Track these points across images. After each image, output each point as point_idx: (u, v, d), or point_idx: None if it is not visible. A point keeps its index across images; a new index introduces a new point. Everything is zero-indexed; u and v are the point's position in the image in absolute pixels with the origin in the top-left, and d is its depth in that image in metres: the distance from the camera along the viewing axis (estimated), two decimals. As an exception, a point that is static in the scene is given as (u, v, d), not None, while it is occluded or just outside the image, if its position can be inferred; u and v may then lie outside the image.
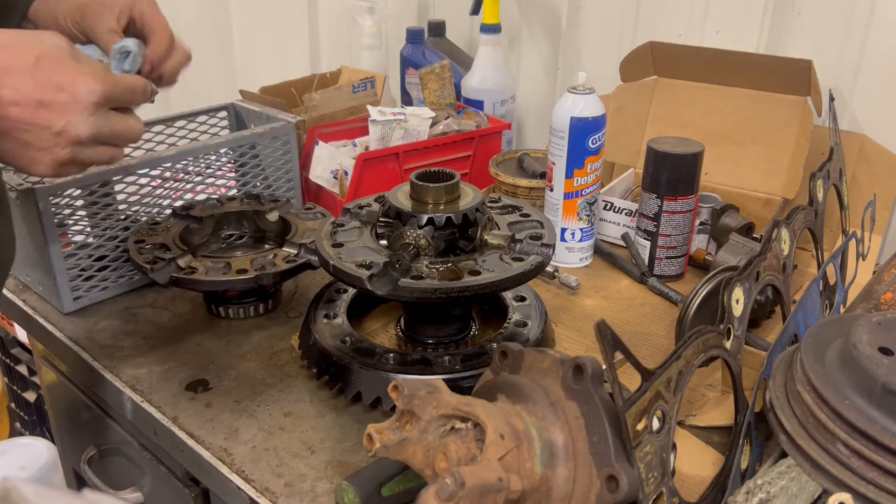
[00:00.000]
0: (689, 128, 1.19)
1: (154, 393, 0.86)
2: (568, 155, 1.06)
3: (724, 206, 1.11)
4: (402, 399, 0.56)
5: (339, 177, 1.21)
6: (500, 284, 0.78)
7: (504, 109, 1.43)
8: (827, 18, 1.14)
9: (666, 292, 1.05)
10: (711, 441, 0.78)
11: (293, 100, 1.36)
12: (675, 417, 0.57)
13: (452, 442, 0.54)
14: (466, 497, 0.49)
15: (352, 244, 0.83)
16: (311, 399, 0.84)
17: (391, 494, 0.65)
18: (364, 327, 0.95)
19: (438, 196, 0.82)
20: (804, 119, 1.11)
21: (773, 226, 0.75)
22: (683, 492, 0.59)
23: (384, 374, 0.79)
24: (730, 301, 0.66)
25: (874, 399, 0.56)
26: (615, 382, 0.52)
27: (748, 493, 0.61)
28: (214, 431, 0.80)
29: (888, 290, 0.85)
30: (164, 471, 0.92)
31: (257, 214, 1.07)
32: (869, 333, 0.60)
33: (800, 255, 1.05)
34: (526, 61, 1.54)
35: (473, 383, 0.64)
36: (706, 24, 1.26)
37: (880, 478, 0.55)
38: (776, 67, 1.11)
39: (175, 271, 0.90)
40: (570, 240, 1.12)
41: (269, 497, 0.72)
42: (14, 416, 1.95)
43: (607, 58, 1.35)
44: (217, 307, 0.99)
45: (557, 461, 0.54)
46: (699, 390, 0.85)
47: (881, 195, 1.07)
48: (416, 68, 1.41)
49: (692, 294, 0.89)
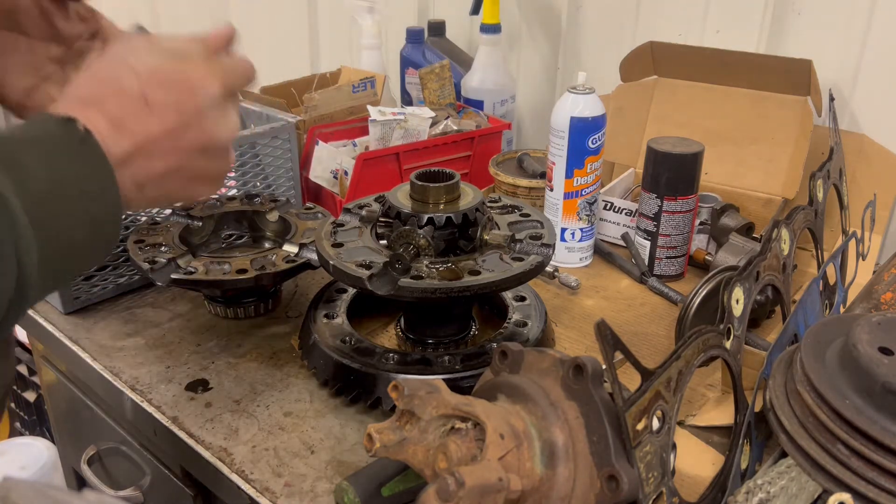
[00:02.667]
0: (689, 128, 1.19)
1: (154, 393, 0.86)
2: (568, 155, 1.06)
3: (724, 206, 1.11)
4: (402, 399, 0.56)
5: (339, 177, 1.21)
6: (500, 284, 0.78)
7: (504, 109, 1.43)
8: (827, 18, 1.14)
9: (666, 292, 1.05)
10: (711, 441, 0.78)
11: (293, 100, 1.37)
12: (675, 417, 0.57)
13: (452, 442, 0.54)
14: (466, 497, 0.49)
15: (352, 244, 0.83)
16: (311, 399, 0.84)
17: (391, 494, 0.65)
18: (364, 327, 0.95)
19: (438, 196, 0.82)
20: (804, 119, 1.11)
21: (773, 226, 0.75)
22: (683, 492, 0.59)
23: (384, 374, 0.79)
24: (730, 301, 0.66)
25: (874, 399, 0.57)
26: (615, 382, 0.52)
27: (748, 492, 0.61)
28: (214, 431, 0.80)
29: (888, 290, 0.85)
30: (164, 471, 0.92)
31: (257, 214, 1.07)
32: (869, 333, 0.60)
33: (800, 255, 1.05)
34: (526, 61, 1.54)
35: (473, 383, 0.64)
36: (706, 24, 1.26)
37: (880, 478, 0.55)
38: (776, 67, 1.11)
39: (175, 271, 0.90)
40: (570, 240, 1.12)
41: (269, 497, 0.72)
42: (14, 416, 1.95)
43: (607, 58, 1.35)
44: (217, 307, 0.99)
45: (557, 461, 0.54)
46: (699, 390, 0.85)
47: (881, 195, 1.07)
48: (416, 68, 1.41)
49: (692, 294, 0.89)
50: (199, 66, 0.57)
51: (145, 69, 0.55)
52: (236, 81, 0.60)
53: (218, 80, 0.57)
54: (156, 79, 0.54)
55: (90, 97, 0.53)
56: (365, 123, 1.27)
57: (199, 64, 0.57)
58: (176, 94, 0.55)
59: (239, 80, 0.60)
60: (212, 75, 0.57)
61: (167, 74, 0.55)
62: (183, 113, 0.55)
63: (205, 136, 0.57)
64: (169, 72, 0.55)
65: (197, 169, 0.58)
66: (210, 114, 0.57)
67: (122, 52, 0.56)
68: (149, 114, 0.54)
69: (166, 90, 0.55)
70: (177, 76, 0.56)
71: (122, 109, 0.53)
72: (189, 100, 0.55)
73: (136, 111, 0.54)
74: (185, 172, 0.57)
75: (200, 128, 0.56)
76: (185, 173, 0.57)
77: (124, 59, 0.55)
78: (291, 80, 1.41)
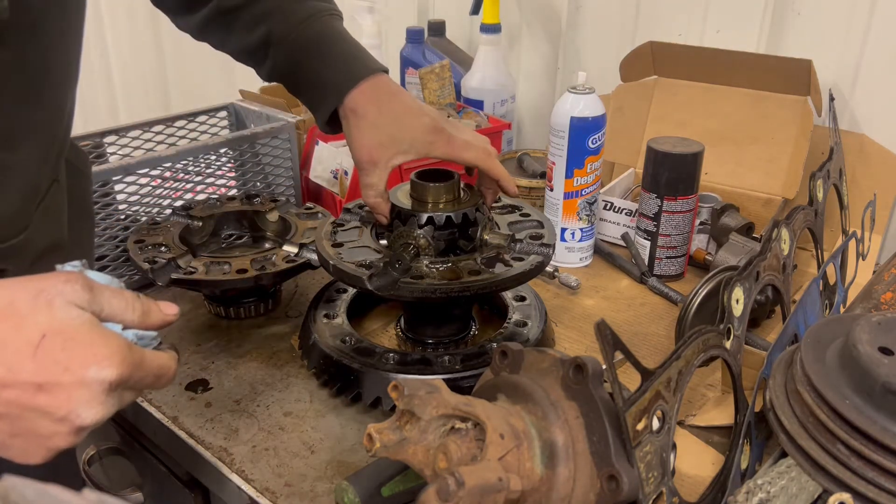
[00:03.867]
0: (689, 128, 1.19)
1: (154, 393, 0.86)
2: (568, 155, 1.06)
3: (724, 205, 1.11)
4: (402, 399, 0.56)
5: (339, 176, 1.21)
6: (500, 284, 0.78)
7: (504, 109, 1.43)
8: (827, 18, 1.14)
9: (666, 292, 1.05)
10: (711, 441, 0.78)
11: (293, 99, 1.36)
12: (675, 417, 0.57)
13: (452, 442, 0.54)
14: (466, 497, 0.49)
15: (352, 244, 0.83)
16: (311, 399, 0.84)
17: (391, 494, 0.65)
18: (364, 327, 0.95)
19: (438, 195, 0.82)
20: (804, 119, 1.11)
21: (773, 226, 0.75)
22: (683, 492, 0.59)
23: (384, 374, 0.79)
24: (730, 301, 0.66)
25: (874, 399, 0.56)
26: (615, 382, 0.52)
27: (748, 492, 0.61)
28: (214, 431, 0.80)
29: (888, 290, 0.85)
30: (164, 471, 0.92)
31: (257, 214, 1.07)
32: (869, 333, 0.60)
33: (800, 255, 1.05)
34: (526, 61, 1.54)
35: (473, 383, 0.64)
36: (706, 24, 1.26)
37: (880, 478, 0.55)
38: (776, 67, 1.11)
39: (175, 271, 0.90)
40: (570, 240, 1.12)
41: (269, 497, 0.72)
42: (14, 416, 1.95)
43: (607, 58, 1.35)
44: (217, 307, 0.99)
45: (557, 461, 0.54)
46: (699, 390, 0.85)
47: (881, 195, 1.07)
48: (416, 68, 1.41)
49: (692, 294, 0.89)
50: (112, 343, 0.51)
51: (63, 318, 0.50)
52: (143, 379, 0.54)
53: (123, 368, 0.51)
54: (65, 331, 0.50)
55: None
56: (365, 123, 1.26)
57: (113, 341, 0.51)
58: (70, 356, 0.49)
59: (147, 378, 0.54)
60: (119, 360, 0.51)
61: (78, 333, 0.50)
62: (63, 375, 0.49)
63: (64, 408, 0.50)
64: (81, 333, 0.50)
65: (32, 427, 0.50)
66: (85, 393, 0.50)
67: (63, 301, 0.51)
68: (31, 357, 0.49)
69: (66, 346, 0.49)
70: (85, 340, 0.50)
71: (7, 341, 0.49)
72: (78, 369, 0.49)
73: (23, 346, 0.49)
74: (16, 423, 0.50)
75: (67, 397, 0.49)
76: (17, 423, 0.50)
77: (53, 298, 0.50)
78: (291, 80, 1.41)
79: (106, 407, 0.51)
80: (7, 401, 0.49)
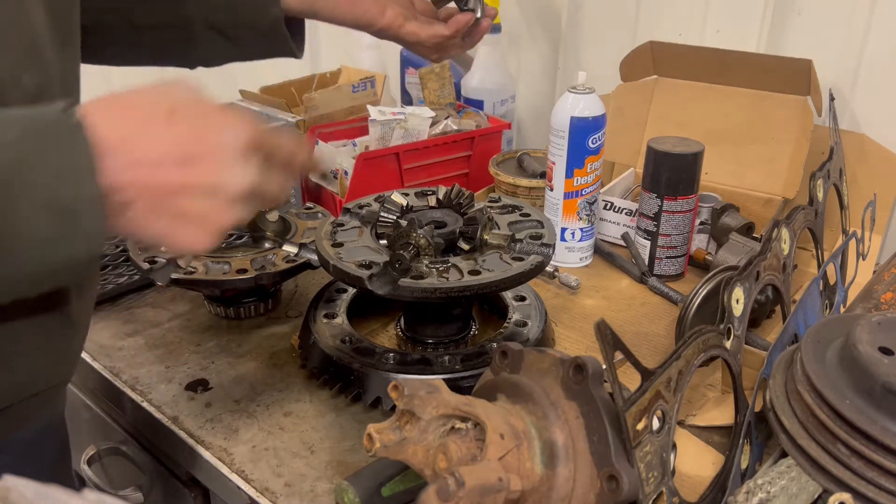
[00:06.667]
0: (689, 128, 1.19)
1: (154, 393, 0.86)
2: (568, 154, 1.06)
3: (724, 205, 1.11)
4: (402, 399, 0.56)
5: (338, 176, 1.21)
6: (500, 284, 0.78)
7: (504, 109, 1.43)
8: (827, 18, 1.14)
9: (666, 292, 1.05)
10: (711, 441, 0.78)
11: (293, 99, 1.37)
12: (675, 417, 0.57)
13: (452, 442, 0.54)
14: (466, 497, 0.49)
15: (352, 244, 0.83)
16: (311, 399, 0.84)
17: (391, 494, 0.65)
18: (364, 327, 0.95)
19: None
20: (804, 119, 1.11)
21: (773, 225, 0.75)
22: (683, 492, 0.59)
23: (384, 374, 0.79)
24: (730, 301, 0.66)
25: (874, 399, 0.57)
26: (615, 382, 0.52)
27: (748, 492, 0.61)
28: (214, 431, 0.80)
29: (888, 290, 0.85)
30: (164, 471, 0.92)
31: (257, 214, 1.07)
32: (869, 333, 0.60)
33: (800, 255, 1.05)
34: (526, 61, 1.54)
35: (473, 383, 0.64)
36: (706, 24, 1.26)
37: (880, 478, 0.55)
38: (776, 67, 1.11)
39: (175, 271, 0.90)
40: (570, 239, 1.12)
41: (269, 497, 0.72)
42: (14, 416, 1.95)
43: (607, 58, 1.35)
44: (217, 307, 0.99)
45: (557, 461, 0.54)
46: (699, 390, 0.85)
47: (881, 195, 1.07)
48: (416, 68, 1.41)
49: (692, 294, 0.89)
50: (238, 112, 0.55)
51: (188, 96, 0.54)
52: (278, 148, 0.57)
53: (253, 131, 0.54)
54: (193, 105, 0.53)
55: (115, 106, 0.52)
56: (365, 123, 1.27)
57: (238, 110, 0.55)
58: (203, 122, 0.53)
59: (282, 148, 0.57)
60: (248, 124, 0.54)
61: (206, 107, 0.54)
62: (200, 143, 0.52)
63: (211, 177, 0.52)
64: (208, 105, 0.54)
65: (189, 207, 0.52)
66: (226, 156, 0.53)
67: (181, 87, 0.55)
68: (166, 129, 0.51)
69: (197, 115, 0.53)
70: (214, 111, 0.54)
71: (140, 122, 0.51)
72: (213, 134, 0.53)
73: (156, 122, 0.51)
74: (173, 207, 0.52)
75: (210, 165, 0.52)
76: (173, 207, 0.52)
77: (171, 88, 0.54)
78: (291, 80, 1.41)
79: (249, 171, 0.53)
80: (157, 185, 0.51)
